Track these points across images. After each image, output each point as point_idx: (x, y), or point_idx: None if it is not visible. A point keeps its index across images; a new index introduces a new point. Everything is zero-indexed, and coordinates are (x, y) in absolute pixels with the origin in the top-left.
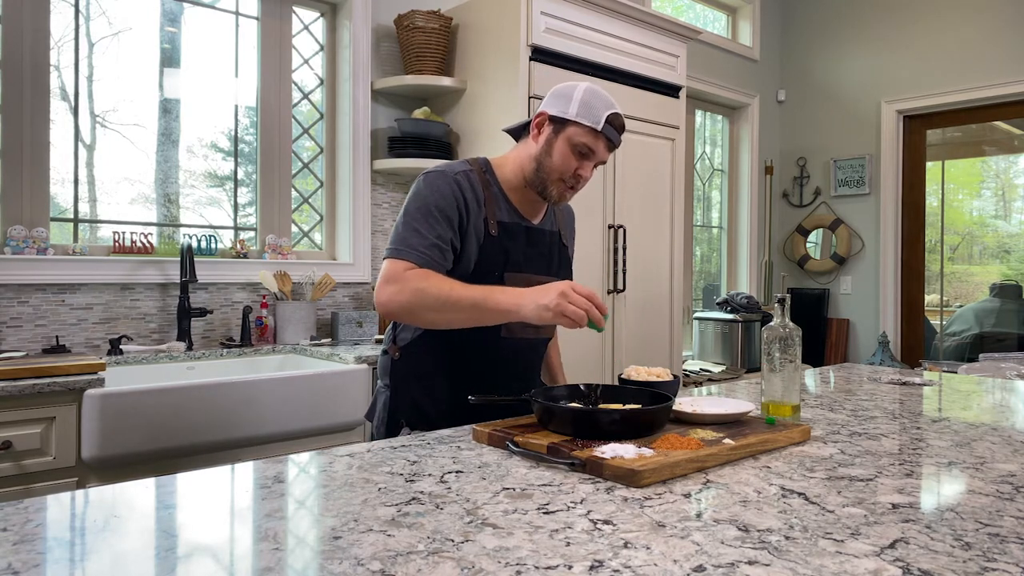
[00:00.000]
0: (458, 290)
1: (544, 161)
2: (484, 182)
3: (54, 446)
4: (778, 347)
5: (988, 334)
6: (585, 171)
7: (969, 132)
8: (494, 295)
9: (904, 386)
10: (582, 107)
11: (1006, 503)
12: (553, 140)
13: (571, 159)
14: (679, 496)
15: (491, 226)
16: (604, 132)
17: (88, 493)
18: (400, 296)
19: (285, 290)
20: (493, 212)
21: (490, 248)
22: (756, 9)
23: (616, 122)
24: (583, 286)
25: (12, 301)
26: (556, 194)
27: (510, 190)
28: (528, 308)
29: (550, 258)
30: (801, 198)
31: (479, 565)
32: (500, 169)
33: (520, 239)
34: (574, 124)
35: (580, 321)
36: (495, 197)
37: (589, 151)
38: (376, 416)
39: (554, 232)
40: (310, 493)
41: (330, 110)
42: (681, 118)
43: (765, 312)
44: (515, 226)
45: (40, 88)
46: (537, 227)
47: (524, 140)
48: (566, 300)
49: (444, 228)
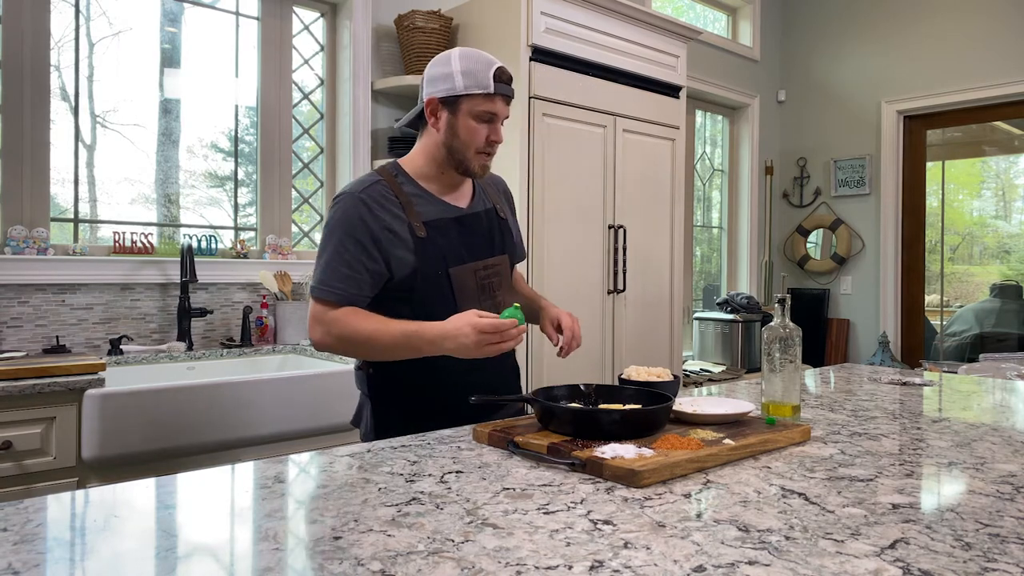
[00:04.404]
0: (379, 337)
1: (453, 143)
2: (396, 187)
3: (54, 446)
4: (778, 347)
5: (988, 334)
6: (495, 134)
7: (969, 132)
8: (412, 341)
9: (904, 386)
10: (466, 77)
11: (1006, 503)
12: (454, 120)
13: (478, 130)
14: (679, 496)
15: (416, 229)
16: (497, 91)
17: (88, 493)
18: (327, 339)
19: (285, 290)
20: (415, 214)
21: (423, 250)
22: (756, 9)
23: (504, 76)
24: (485, 321)
25: (12, 301)
26: (478, 166)
27: (428, 183)
28: (450, 348)
29: (491, 238)
30: (801, 198)
31: (479, 565)
32: (412, 166)
33: (452, 231)
34: (466, 97)
35: (502, 350)
36: (413, 197)
37: (491, 115)
38: (364, 424)
39: (488, 209)
40: (310, 493)
41: (330, 110)
42: (681, 118)
43: (765, 312)
44: (443, 221)
45: (40, 88)
46: (468, 212)
47: (424, 130)
48: (483, 342)
49: (357, 254)
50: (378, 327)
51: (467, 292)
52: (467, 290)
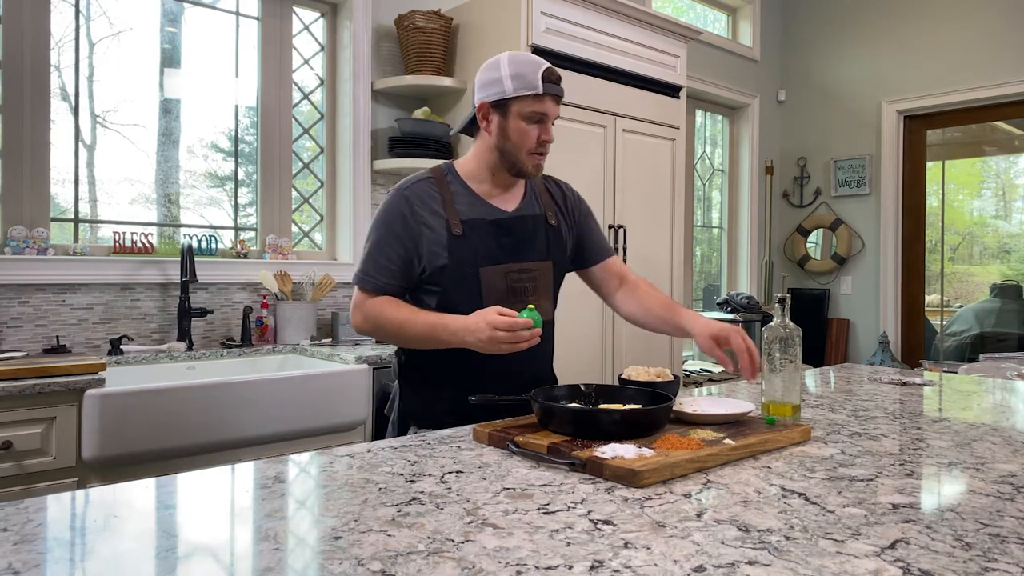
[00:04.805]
0: (407, 327)
1: (505, 146)
2: (443, 186)
3: (54, 446)
4: (778, 347)
5: (988, 334)
6: (545, 134)
7: (969, 132)
8: (437, 332)
9: (904, 386)
10: (515, 80)
11: (1006, 503)
12: (504, 123)
13: (528, 131)
14: (679, 496)
15: (453, 226)
16: (546, 92)
17: (88, 493)
18: (365, 325)
19: (285, 290)
20: (455, 212)
21: (456, 247)
22: (756, 9)
23: (553, 76)
24: (503, 318)
25: (12, 301)
26: (531, 167)
27: (477, 184)
28: (469, 341)
29: (533, 243)
30: (801, 198)
31: (479, 565)
32: (464, 168)
33: (489, 232)
34: (516, 100)
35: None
36: (457, 197)
37: (541, 115)
38: (393, 413)
39: (537, 215)
40: (310, 493)
41: (330, 110)
42: (681, 118)
43: (765, 312)
44: (481, 221)
45: (40, 88)
46: (512, 215)
47: (478, 134)
48: (495, 339)
49: (397, 247)
50: (408, 317)
51: (496, 293)
52: (496, 291)
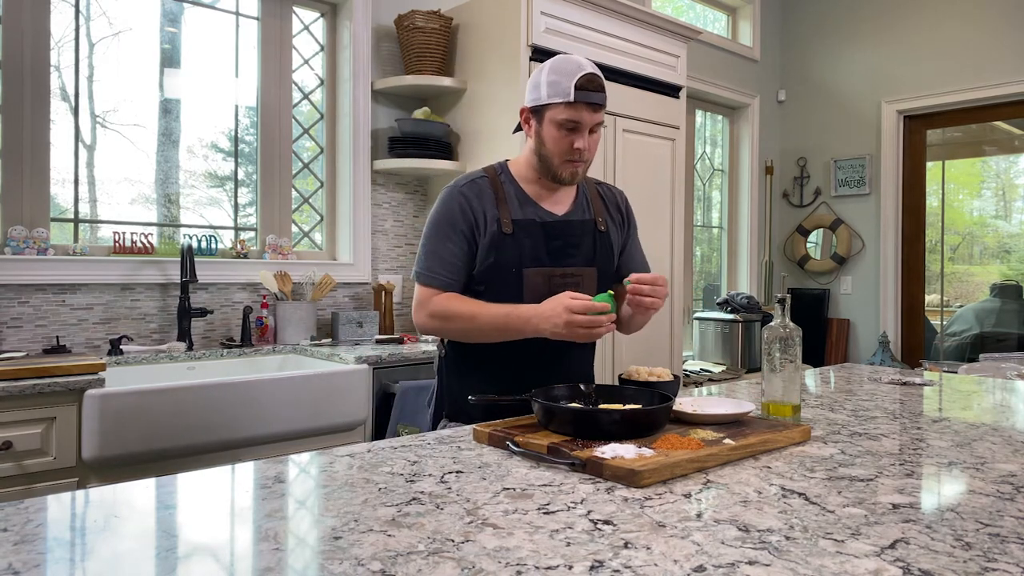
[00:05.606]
0: (479, 317)
1: (542, 151)
2: (497, 184)
3: (54, 446)
4: (778, 347)
5: (988, 334)
6: (580, 142)
7: (969, 132)
8: (511, 321)
9: (904, 386)
10: (550, 87)
11: (1006, 503)
12: (540, 129)
13: (562, 138)
14: (679, 496)
15: (504, 225)
16: (578, 99)
17: (88, 493)
18: (431, 322)
19: (285, 290)
20: (507, 211)
21: (503, 246)
22: (756, 9)
23: (590, 84)
24: (578, 301)
25: (12, 301)
26: (567, 174)
27: (528, 185)
28: (544, 329)
29: (579, 248)
30: (801, 198)
31: (479, 565)
32: (516, 168)
33: (538, 234)
34: (549, 106)
35: (593, 336)
36: (510, 196)
37: (574, 123)
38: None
39: (586, 221)
40: (310, 493)
41: (330, 110)
42: (681, 118)
43: (765, 312)
44: (531, 223)
45: (40, 88)
46: (562, 219)
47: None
48: (573, 323)
49: (458, 242)
50: (478, 310)
51: (537, 295)
52: (537, 294)
